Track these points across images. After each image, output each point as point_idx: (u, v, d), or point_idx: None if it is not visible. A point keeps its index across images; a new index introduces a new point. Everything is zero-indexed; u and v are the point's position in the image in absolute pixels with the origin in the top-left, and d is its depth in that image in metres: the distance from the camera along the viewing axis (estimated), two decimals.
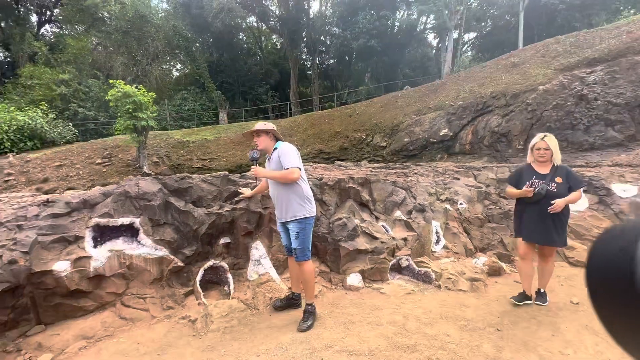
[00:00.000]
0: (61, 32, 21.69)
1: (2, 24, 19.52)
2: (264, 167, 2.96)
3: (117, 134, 11.78)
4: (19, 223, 2.56)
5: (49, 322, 2.52)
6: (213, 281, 3.42)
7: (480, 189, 5.11)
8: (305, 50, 27.91)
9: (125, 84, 10.11)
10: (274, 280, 3.35)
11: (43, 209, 2.72)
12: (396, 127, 13.69)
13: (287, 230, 2.86)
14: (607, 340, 2.47)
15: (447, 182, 5.33)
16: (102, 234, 2.87)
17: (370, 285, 3.47)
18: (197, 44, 23.51)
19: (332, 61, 29.13)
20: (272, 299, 3.11)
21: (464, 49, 26.75)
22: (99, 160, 10.98)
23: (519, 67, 12.21)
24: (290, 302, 3.00)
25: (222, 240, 3.42)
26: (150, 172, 10.83)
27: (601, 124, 8.99)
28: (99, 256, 2.74)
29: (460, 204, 4.78)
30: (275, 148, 2.74)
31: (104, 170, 10.71)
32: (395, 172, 5.70)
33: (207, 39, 24.54)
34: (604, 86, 9.27)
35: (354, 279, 3.46)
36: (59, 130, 12.91)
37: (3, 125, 11.35)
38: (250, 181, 3.97)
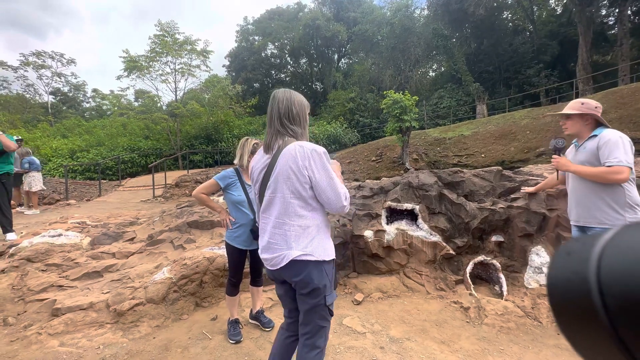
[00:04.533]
0: (350, 62, 28.69)
1: (320, 66, 28.62)
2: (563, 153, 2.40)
3: (387, 136, 14.10)
4: None
5: (360, 272, 3.54)
6: (481, 277, 3.39)
7: None
8: (606, 2, 20.23)
9: (394, 93, 11.89)
10: None
11: (357, 191, 3.84)
12: None
13: None
14: None
15: None
16: (392, 215, 3.62)
17: None
18: (454, 40, 23.25)
19: None
20: None
21: None
22: (373, 158, 13.67)
23: None
24: None
25: (494, 238, 3.31)
26: (411, 167, 12.10)
27: None
28: (390, 231, 3.48)
29: None
30: (594, 135, 2.14)
31: (377, 166, 13.22)
32: None
33: (464, 32, 23.68)
34: None
35: None
36: (349, 136, 17.43)
37: (320, 134, 16.82)
38: (530, 177, 3.53)
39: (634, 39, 19.95)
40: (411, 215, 3.60)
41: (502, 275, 3.17)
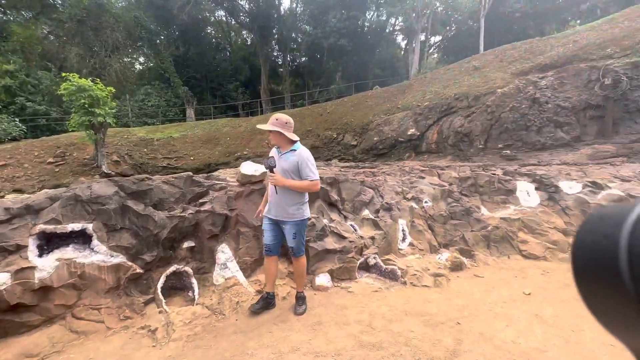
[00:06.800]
0: (5, 18, 19.70)
1: None
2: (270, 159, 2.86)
3: (72, 131, 10.92)
4: None
5: None
6: (176, 287, 3.28)
7: (443, 188, 5.33)
8: (276, 47, 27.58)
9: (80, 77, 9.41)
10: (240, 284, 3.28)
11: None
12: (366, 126, 13.93)
13: (276, 229, 2.84)
14: (554, 328, 2.68)
15: (413, 181, 5.50)
16: (49, 242, 2.64)
17: (339, 285, 3.50)
18: (162, 37, 22.40)
19: (303, 59, 29.04)
20: (239, 303, 3.04)
21: (430, 51, 27.74)
22: (51, 160, 10.12)
23: (480, 70, 12.89)
24: (267, 302, 2.96)
25: (186, 244, 3.29)
26: (110, 171, 10.17)
27: (551, 125, 9.72)
28: (45, 266, 2.52)
29: (426, 202, 4.95)
30: (294, 150, 2.73)
31: (57, 170, 9.89)
32: (363, 172, 5.79)
33: (172, 32, 23.45)
34: (554, 90, 10.02)
35: (323, 279, 3.47)
36: (3, 126, 11.73)
37: None
38: (216, 182, 3.85)
39: (292, 78, 28.66)
40: (82, 238, 2.81)
41: (194, 280, 3.21)
